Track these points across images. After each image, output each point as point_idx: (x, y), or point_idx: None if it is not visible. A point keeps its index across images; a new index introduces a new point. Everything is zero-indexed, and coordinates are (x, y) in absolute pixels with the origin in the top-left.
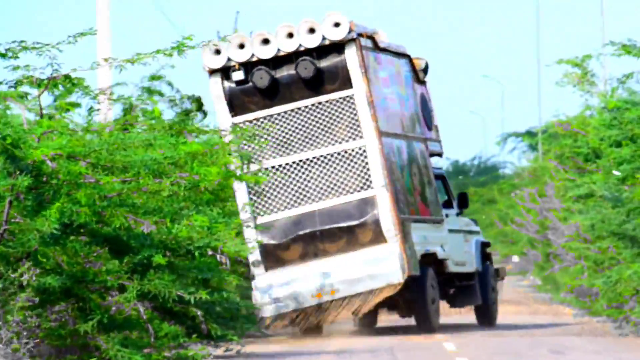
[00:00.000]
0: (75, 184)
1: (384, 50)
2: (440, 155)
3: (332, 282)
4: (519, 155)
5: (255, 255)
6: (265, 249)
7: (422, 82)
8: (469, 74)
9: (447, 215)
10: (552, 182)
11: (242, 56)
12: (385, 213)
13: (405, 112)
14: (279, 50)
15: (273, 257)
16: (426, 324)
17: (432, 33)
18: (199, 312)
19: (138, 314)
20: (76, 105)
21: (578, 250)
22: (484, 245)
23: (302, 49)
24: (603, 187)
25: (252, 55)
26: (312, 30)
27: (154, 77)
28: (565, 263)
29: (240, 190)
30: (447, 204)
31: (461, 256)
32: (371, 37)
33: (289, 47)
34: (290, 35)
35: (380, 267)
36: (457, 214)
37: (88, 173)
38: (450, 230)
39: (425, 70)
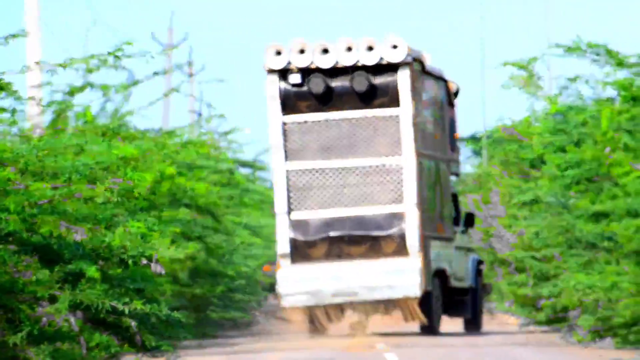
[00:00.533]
0: (4, 191)
1: (428, 73)
2: (457, 175)
3: (352, 286)
4: (462, 161)
5: (284, 248)
6: (294, 244)
7: (453, 105)
8: None
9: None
10: (497, 189)
11: (302, 61)
12: (412, 229)
13: (437, 133)
14: (337, 61)
15: (300, 252)
16: (431, 332)
17: (372, 32)
18: (133, 323)
19: (69, 325)
20: (2, 110)
21: (522, 259)
22: (479, 262)
23: (359, 64)
24: (549, 193)
25: (312, 62)
26: (370, 48)
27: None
28: (509, 272)
29: (280, 185)
30: (455, 221)
31: (461, 272)
32: (420, 61)
33: (347, 60)
34: (349, 49)
35: (401, 279)
36: (462, 232)
37: (17, 179)
38: (456, 248)
39: (456, 93)
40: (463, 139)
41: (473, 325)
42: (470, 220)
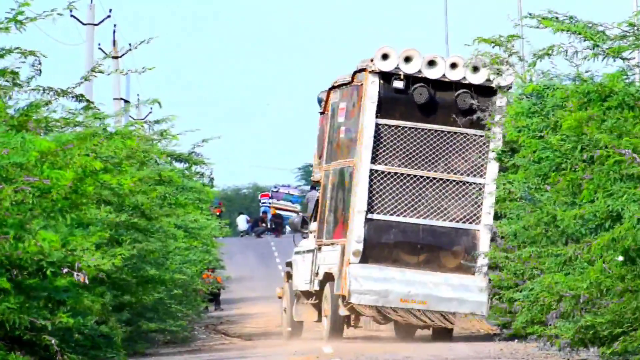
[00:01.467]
0: None
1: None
2: None
3: (421, 293)
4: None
5: (357, 246)
6: (367, 243)
7: None
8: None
9: None
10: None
11: (410, 69)
12: (484, 249)
13: None
14: (444, 75)
15: (371, 252)
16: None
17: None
18: (53, 341)
19: None
20: None
21: (494, 259)
22: None
23: (466, 81)
24: (521, 187)
25: (419, 71)
26: (475, 69)
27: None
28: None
29: (362, 184)
30: None
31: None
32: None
33: (454, 76)
34: (454, 65)
35: (470, 296)
36: None
37: None
38: None
39: None
40: None
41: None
42: None
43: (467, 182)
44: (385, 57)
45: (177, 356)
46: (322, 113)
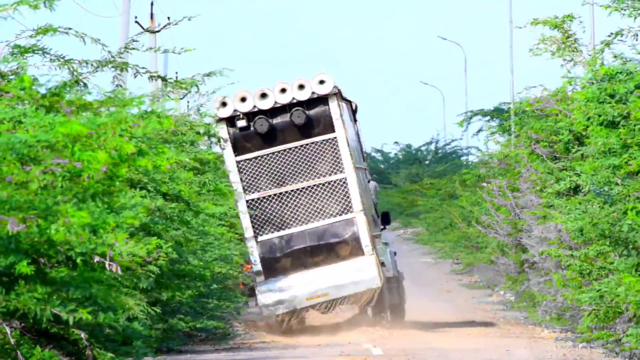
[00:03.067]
0: None
1: (343, 98)
2: (369, 181)
3: (321, 288)
4: (486, 139)
5: (257, 267)
6: (264, 262)
7: (356, 120)
8: (425, 37)
9: None
10: (527, 173)
11: (245, 107)
12: (363, 232)
13: (356, 148)
14: (275, 102)
15: (271, 268)
16: (389, 318)
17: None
18: (83, 335)
19: (4, 336)
20: None
21: (559, 258)
22: (394, 254)
23: (294, 101)
24: (590, 179)
25: (254, 107)
26: (301, 87)
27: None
28: (544, 277)
29: (244, 214)
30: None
31: (387, 264)
32: (339, 89)
33: (284, 99)
34: (284, 90)
35: (362, 275)
36: (381, 229)
37: None
38: (383, 243)
39: (355, 110)
40: (487, 112)
41: (399, 310)
42: (386, 219)
43: (331, 181)
44: (224, 104)
45: (214, 354)
46: None
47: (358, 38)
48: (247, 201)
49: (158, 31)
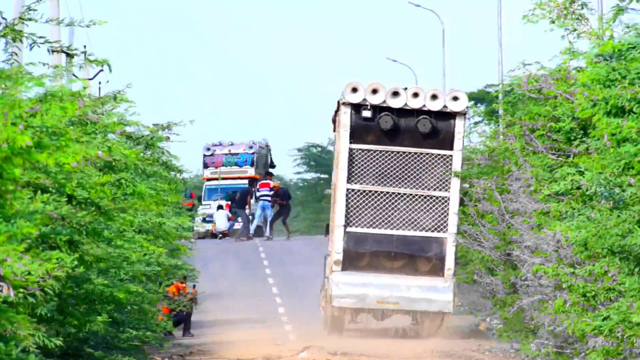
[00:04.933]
0: None
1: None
2: None
3: (394, 295)
4: (469, 129)
5: (337, 256)
6: (346, 253)
7: None
8: (393, 2)
9: None
10: (519, 171)
11: (376, 100)
12: (450, 254)
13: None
14: (406, 104)
15: (351, 261)
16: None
17: None
18: None
19: None
20: None
21: (558, 276)
22: None
23: (425, 108)
24: (596, 179)
25: (384, 102)
26: (434, 97)
27: None
28: (538, 296)
29: (340, 202)
30: None
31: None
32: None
33: (414, 104)
34: (416, 95)
35: (438, 296)
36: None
37: None
38: None
39: None
40: (470, 96)
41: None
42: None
43: (434, 196)
44: (354, 90)
45: None
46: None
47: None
48: (347, 189)
49: None
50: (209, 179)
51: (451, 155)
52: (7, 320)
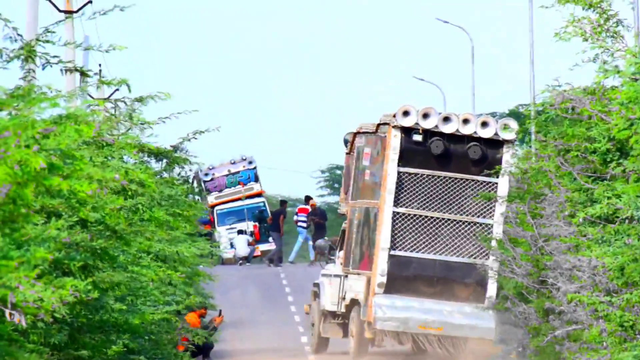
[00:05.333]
0: None
1: None
2: None
3: (437, 320)
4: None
5: (381, 279)
6: (390, 276)
7: None
8: (421, 19)
9: None
10: (553, 194)
11: (428, 124)
12: (492, 281)
13: None
14: (457, 130)
15: (394, 284)
16: None
17: None
18: None
19: None
20: None
21: (594, 305)
22: None
23: (476, 135)
24: (633, 202)
25: (436, 126)
26: (484, 124)
27: None
28: (573, 326)
29: (386, 224)
30: None
31: None
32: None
33: (466, 130)
34: (467, 121)
35: (480, 322)
36: None
37: None
38: None
39: None
40: (500, 116)
41: None
42: None
43: (478, 223)
44: (406, 114)
45: None
46: (348, 153)
47: (335, 19)
48: (393, 212)
49: (76, 11)
50: (214, 205)
51: (497, 183)
52: (20, 351)
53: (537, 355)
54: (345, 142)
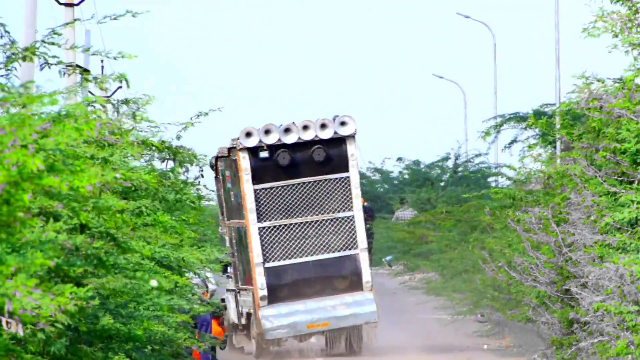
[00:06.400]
0: None
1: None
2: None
3: (322, 317)
4: (523, 153)
5: (262, 292)
6: (270, 288)
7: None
8: (440, 14)
9: None
10: (579, 199)
11: (270, 140)
12: (365, 268)
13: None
14: (299, 138)
15: (276, 294)
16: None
17: None
18: None
19: None
20: None
21: (621, 315)
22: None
23: (317, 138)
24: None
25: (278, 140)
26: (323, 126)
27: None
28: (599, 336)
29: (255, 240)
30: None
31: None
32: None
33: (307, 136)
34: (306, 127)
35: (361, 309)
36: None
37: None
38: None
39: None
40: (522, 118)
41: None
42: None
43: (340, 217)
44: (248, 135)
45: None
46: (215, 177)
47: (352, 14)
48: (259, 228)
49: (77, 4)
50: None
51: (348, 177)
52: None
53: None
54: (211, 166)
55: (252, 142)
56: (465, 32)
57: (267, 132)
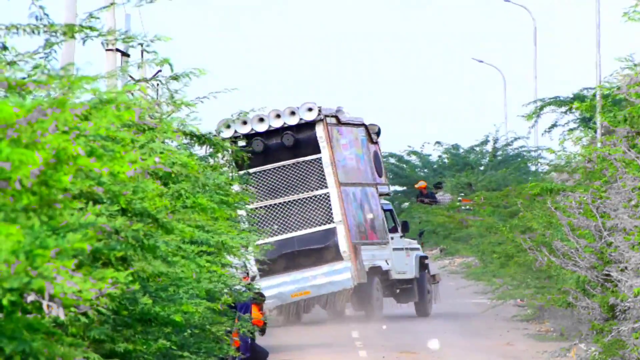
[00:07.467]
0: None
1: (345, 123)
2: (388, 194)
3: (304, 286)
4: (563, 137)
5: (253, 267)
6: (260, 262)
7: (375, 142)
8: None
9: (392, 238)
10: (619, 184)
11: (244, 130)
12: (342, 240)
13: (360, 166)
14: (270, 126)
15: (264, 269)
16: (373, 315)
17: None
18: None
19: None
20: None
21: None
22: (422, 258)
23: (286, 125)
24: None
25: (252, 130)
26: (292, 113)
27: None
28: (639, 322)
29: (242, 220)
30: (394, 230)
31: (402, 267)
32: (335, 116)
33: (277, 124)
34: (278, 115)
35: (338, 277)
36: (401, 237)
37: None
38: (394, 249)
39: (377, 133)
40: (563, 102)
41: (422, 308)
42: (405, 227)
43: (317, 195)
44: (227, 126)
45: None
46: None
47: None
48: (244, 210)
49: None
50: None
51: (319, 157)
52: (58, 345)
53: (601, 353)
54: None
55: (229, 133)
56: (505, 16)
57: (243, 122)
